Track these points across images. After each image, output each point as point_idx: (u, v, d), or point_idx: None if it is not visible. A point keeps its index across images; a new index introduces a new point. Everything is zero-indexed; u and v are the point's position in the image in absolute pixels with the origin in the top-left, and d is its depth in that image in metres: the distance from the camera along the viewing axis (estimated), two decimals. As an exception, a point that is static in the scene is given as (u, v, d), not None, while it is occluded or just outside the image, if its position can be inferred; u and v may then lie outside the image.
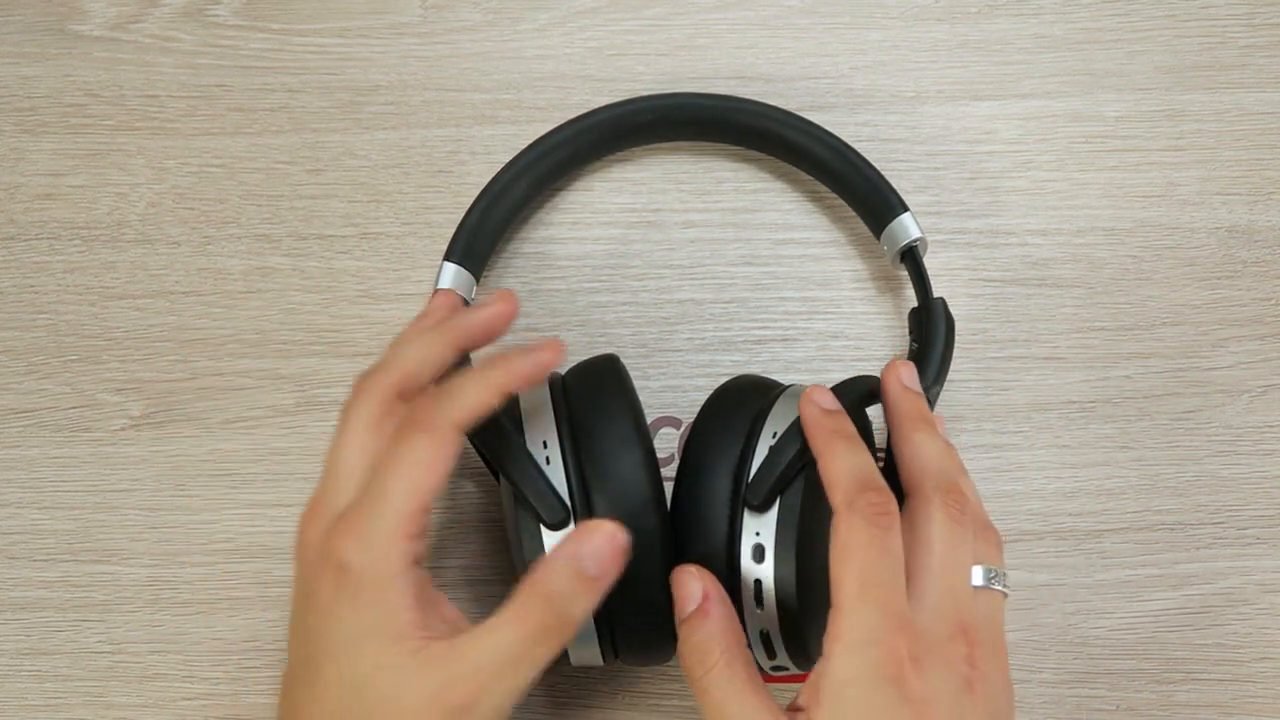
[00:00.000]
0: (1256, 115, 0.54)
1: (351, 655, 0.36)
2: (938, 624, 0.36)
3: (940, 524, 0.38)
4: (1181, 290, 0.52)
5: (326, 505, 0.39)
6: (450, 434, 0.37)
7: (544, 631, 0.36)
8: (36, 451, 0.51)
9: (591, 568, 0.37)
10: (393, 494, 0.37)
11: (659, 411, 0.51)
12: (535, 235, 0.53)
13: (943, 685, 0.35)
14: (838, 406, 0.40)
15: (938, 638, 0.36)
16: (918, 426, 0.40)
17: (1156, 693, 0.48)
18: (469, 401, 0.38)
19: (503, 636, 0.36)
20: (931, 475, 0.39)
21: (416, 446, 0.37)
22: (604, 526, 0.37)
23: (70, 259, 0.53)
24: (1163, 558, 0.49)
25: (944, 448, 0.40)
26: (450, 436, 0.37)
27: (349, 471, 0.39)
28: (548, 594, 0.36)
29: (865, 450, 0.39)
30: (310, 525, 0.39)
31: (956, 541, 0.38)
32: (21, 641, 0.49)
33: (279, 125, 0.54)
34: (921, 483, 0.39)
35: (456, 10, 0.56)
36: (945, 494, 0.38)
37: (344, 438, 0.39)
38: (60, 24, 0.56)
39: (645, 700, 0.48)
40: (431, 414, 0.38)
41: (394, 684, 0.36)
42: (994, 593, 0.38)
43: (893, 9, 0.55)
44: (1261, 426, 0.50)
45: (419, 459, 0.37)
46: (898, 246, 0.49)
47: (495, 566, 0.49)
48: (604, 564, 0.37)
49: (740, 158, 0.54)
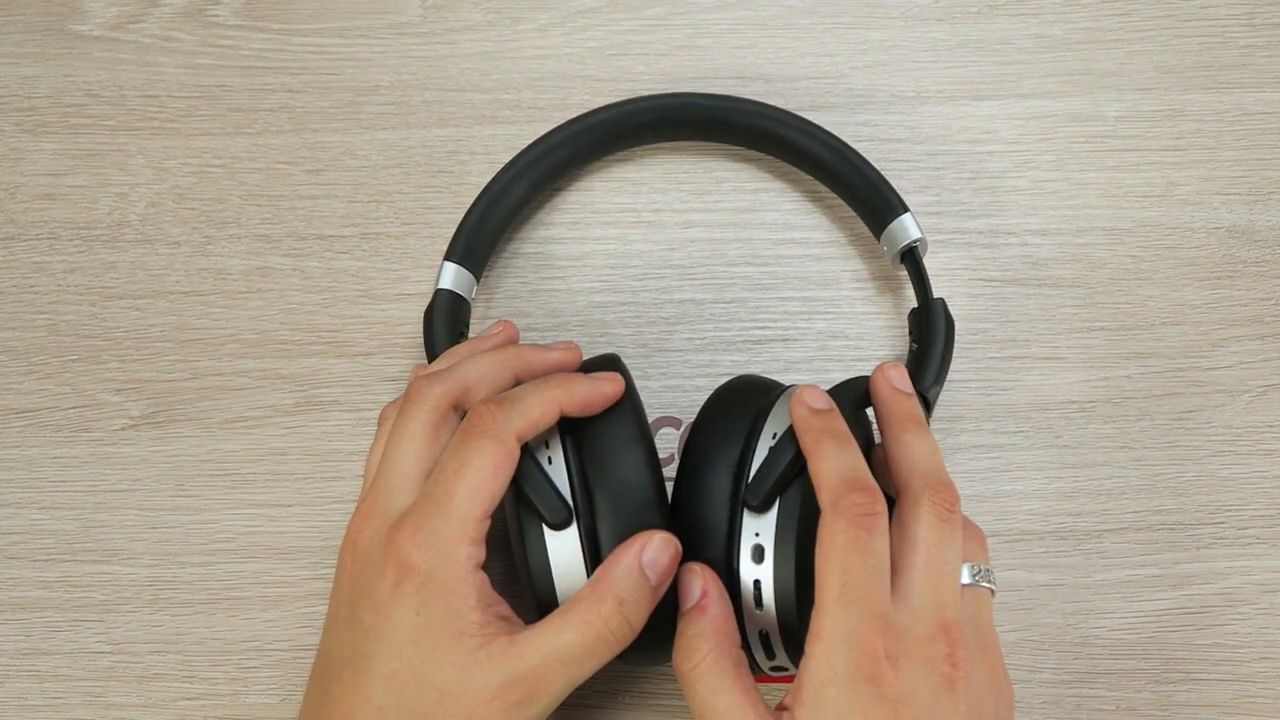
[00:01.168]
0: (1256, 115, 0.54)
1: (411, 651, 0.37)
2: (919, 623, 0.36)
3: (927, 523, 0.38)
4: (1181, 290, 0.52)
5: (383, 507, 0.39)
6: (513, 443, 0.38)
7: (611, 635, 0.37)
8: (36, 451, 0.51)
9: (653, 575, 0.38)
10: (459, 497, 0.37)
11: (659, 411, 0.51)
12: (535, 235, 0.53)
13: (922, 684, 0.36)
14: (828, 405, 0.40)
15: (918, 637, 0.36)
16: (907, 427, 0.40)
17: (1156, 693, 0.48)
18: (532, 414, 0.39)
19: (570, 636, 0.37)
20: (920, 475, 0.39)
21: (484, 452, 0.38)
22: (664, 536, 0.38)
23: (70, 259, 0.53)
24: (1163, 558, 0.49)
25: (933, 447, 0.40)
26: (513, 445, 0.38)
27: (405, 474, 0.39)
28: (619, 597, 0.37)
29: (854, 449, 0.39)
30: (366, 525, 0.39)
31: (943, 541, 0.38)
32: (21, 641, 0.49)
33: (279, 125, 0.54)
34: (909, 482, 0.39)
35: (456, 10, 0.56)
36: (934, 493, 0.38)
37: (400, 442, 0.40)
38: (60, 24, 0.56)
39: (645, 700, 0.48)
40: (496, 421, 0.38)
41: (457, 680, 0.36)
42: (981, 590, 0.39)
43: (893, 9, 0.55)
44: (1261, 426, 0.50)
45: (485, 464, 0.38)
46: (898, 247, 0.49)
47: (497, 567, 0.49)
48: (663, 573, 0.38)
49: (740, 158, 0.54)
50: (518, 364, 0.42)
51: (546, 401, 0.39)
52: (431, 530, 0.37)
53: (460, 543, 0.37)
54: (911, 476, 0.39)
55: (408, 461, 0.39)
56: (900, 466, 0.40)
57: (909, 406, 0.41)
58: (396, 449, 0.40)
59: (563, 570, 0.39)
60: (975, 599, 0.38)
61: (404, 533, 0.37)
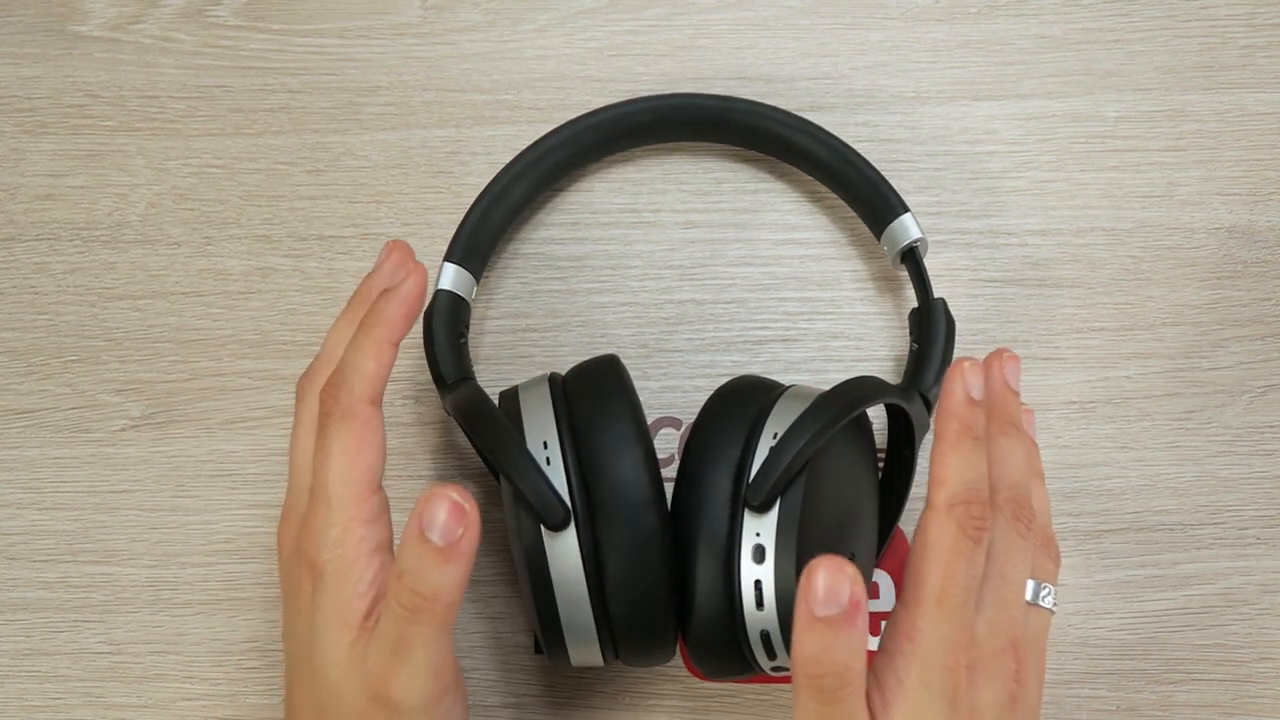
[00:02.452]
0: (1256, 115, 0.54)
1: (311, 651, 0.37)
2: (993, 637, 0.37)
3: (1003, 534, 0.38)
4: (1181, 290, 0.52)
5: (292, 509, 0.40)
6: (364, 410, 0.38)
7: (412, 611, 0.35)
8: (36, 452, 0.51)
9: (437, 537, 0.34)
10: (332, 485, 0.37)
11: (659, 412, 0.51)
12: (535, 236, 0.53)
13: (991, 698, 0.36)
14: (983, 396, 0.39)
15: (992, 650, 0.36)
16: (1005, 429, 0.40)
17: (1156, 693, 0.48)
18: (367, 369, 0.38)
19: (382, 626, 0.36)
20: (1006, 485, 0.39)
21: (339, 434, 0.38)
22: (440, 491, 0.34)
23: (70, 260, 0.53)
24: (1163, 558, 0.49)
25: (1025, 457, 0.40)
26: (364, 413, 0.38)
27: (302, 473, 0.40)
28: (399, 572, 0.35)
29: (984, 459, 0.38)
30: (285, 530, 0.40)
31: (1018, 556, 0.38)
32: (21, 642, 0.49)
33: (279, 126, 0.54)
34: (995, 490, 0.39)
35: (456, 10, 0.56)
36: (1015, 507, 0.38)
37: (295, 442, 0.41)
38: (60, 24, 0.56)
39: (645, 700, 0.48)
40: (338, 398, 0.38)
41: (340, 679, 0.36)
42: (1043, 610, 0.39)
43: (893, 9, 0.55)
44: (1262, 427, 0.50)
45: (345, 445, 0.37)
46: (898, 247, 0.49)
47: (496, 567, 0.49)
48: (449, 531, 0.34)
49: (740, 158, 0.54)
50: (382, 332, 0.40)
51: (373, 348, 0.39)
52: (319, 525, 0.37)
53: (349, 529, 0.37)
54: (999, 485, 0.39)
55: (303, 459, 0.40)
56: (990, 472, 0.39)
57: (1012, 407, 0.41)
58: (294, 449, 0.41)
59: (561, 571, 0.39)
60: (1039, 618, 0.39)
61: (304, 533, 0.38)
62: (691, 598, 0.40)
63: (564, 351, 0.51)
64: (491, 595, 0.49)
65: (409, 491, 0.50)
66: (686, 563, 0.41)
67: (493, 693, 0.48)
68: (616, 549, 0.40)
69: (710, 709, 0.48)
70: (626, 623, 0.40)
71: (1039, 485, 0.41)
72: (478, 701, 0.48)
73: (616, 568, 0.40)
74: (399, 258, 0.42)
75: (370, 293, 0.42)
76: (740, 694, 0.48)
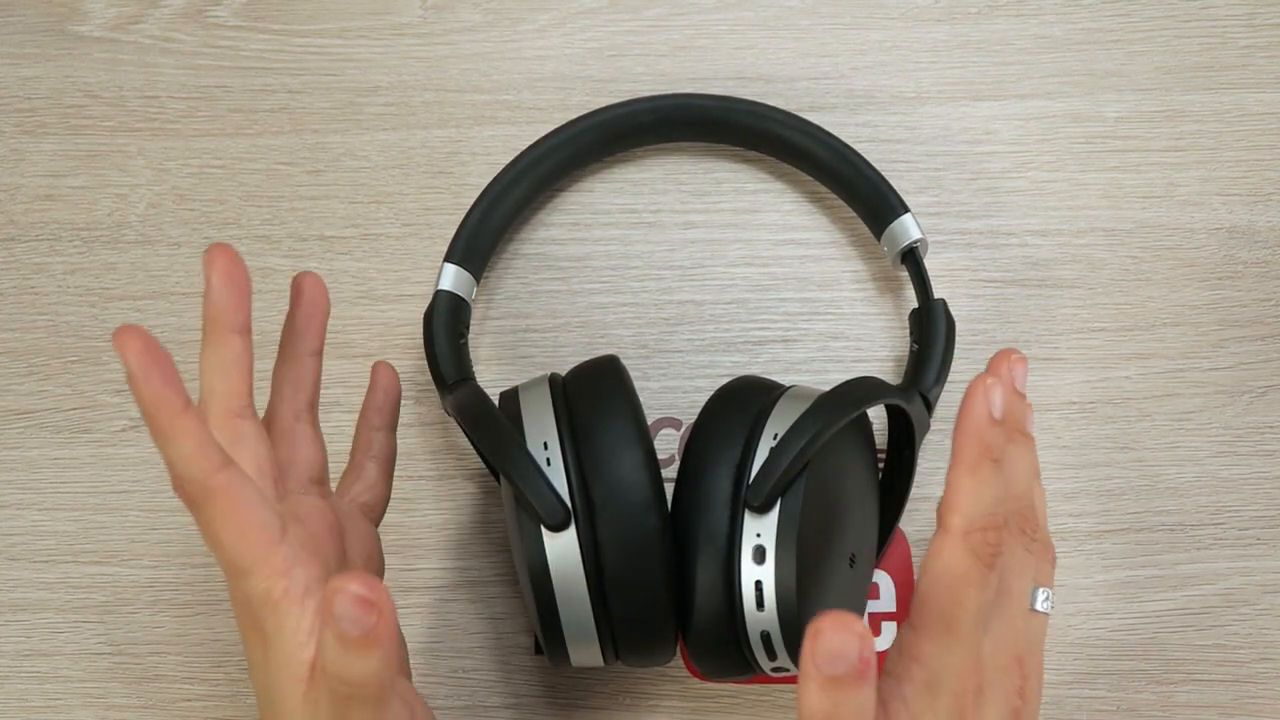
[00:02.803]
0: (1256, 115, 0.54)
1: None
2: (998, 653, 0.36)
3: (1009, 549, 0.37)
4: (1181, 290, 0.52)
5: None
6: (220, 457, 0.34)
7: (345, 699, 0.33)
8: (37, 453, 0.51)
9: (351, 630, 0.31)
10: (233, 561, 0.34)
11: (659, 412, 0.51)
12: (536, 236, 0.53)
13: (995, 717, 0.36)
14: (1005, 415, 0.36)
15: (997, 667, 0.36)
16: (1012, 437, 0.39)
17: (1156, 693, 0.48)
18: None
19: (323, 701, 0.34)
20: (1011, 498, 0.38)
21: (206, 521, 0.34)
22: (347, 586, 0.31)
23: (70, 260, 0.53)
24: (1163, 558, 0.49)
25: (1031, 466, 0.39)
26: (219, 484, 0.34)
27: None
28: (323, 664, 0.33)
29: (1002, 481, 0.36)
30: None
31: (1023, 569, 0.38)
32: (22, 643, 0.49)
33: (279, 126, 0.54)
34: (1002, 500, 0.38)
35: (456, 11, 0.56)
36: (1020, 519, 0.38)
37: None
38: (60, 24, 0.56)
39: (645, 700, 0.48)
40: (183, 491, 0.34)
41: None
42: (1041, 615, 0.39)
43: (893, 9, 0.55)
44: (1261, 427, 0.50)
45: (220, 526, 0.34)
46: (898, 247, 0.49)
47: (496, 567, 0.49)
48: (361, 622, 0.31)
49: (740, 158, 0.54)
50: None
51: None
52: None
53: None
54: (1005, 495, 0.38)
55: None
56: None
57: (1019, 411, 0.40)
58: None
59: (561, 572, 0.39)
60: (1039, 624, 0.38)
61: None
62: (692, 598, 0.40)
63: (564, 352, 0.51)
64: (491, 595, 0.49)
65: (410, 492, 0.50)
66: (687, 563, 0.41)
67: (493, 693, 0.48)
68: (617, 549, 0.40)
69: (710, 709, 0.48)
70: (626, 623, 0.40)
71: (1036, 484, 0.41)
72: (478, 702, 0.48)
73: (617, 568, 0.40)
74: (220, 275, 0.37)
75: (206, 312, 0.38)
76: (740, 694, 0.48)
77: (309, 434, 0.41)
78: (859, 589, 0.46)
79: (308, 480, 0.40)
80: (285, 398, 0.41)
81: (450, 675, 0.48)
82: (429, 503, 0.50)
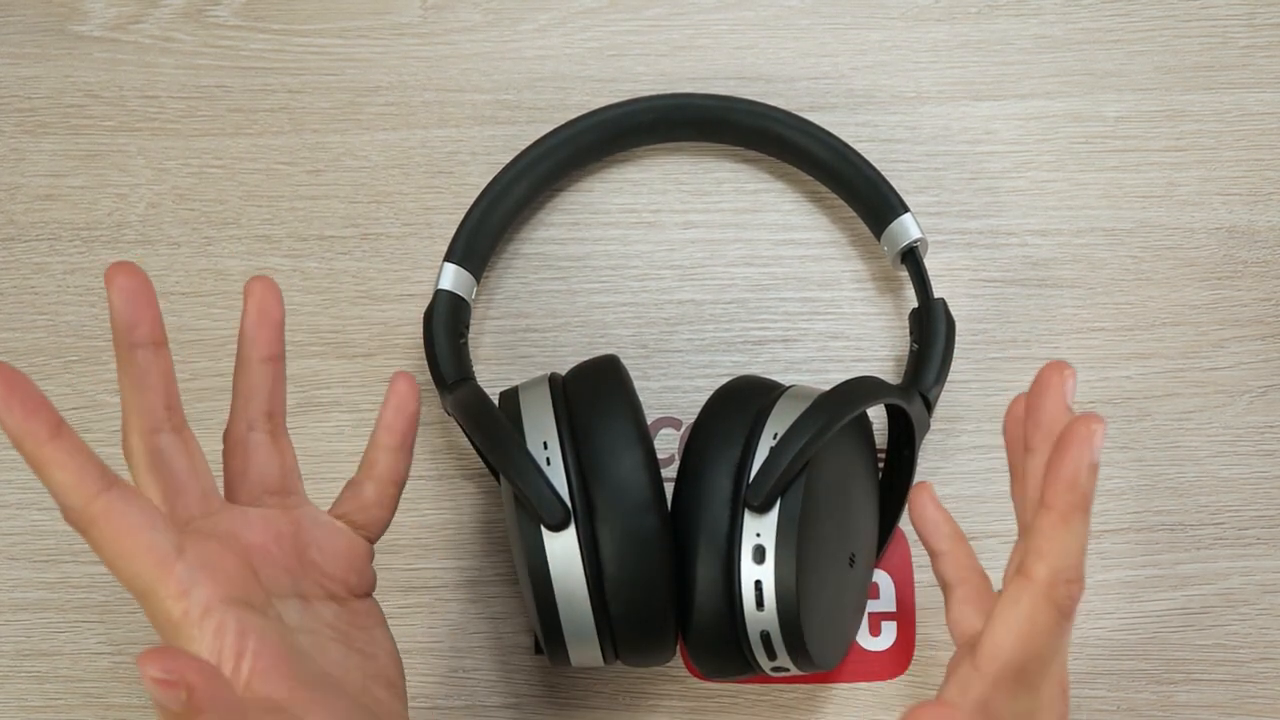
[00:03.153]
0: (1256, 115, 0.54)
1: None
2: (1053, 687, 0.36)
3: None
4: (1181, 290, 0.52)
5: None
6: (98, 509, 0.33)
7: None
8: (37, 452, 0.51)
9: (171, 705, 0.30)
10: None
11: (659, 412, 0.51)
12: (535, 236, 0.53)
13: None
14: (1097, 460, 0.34)
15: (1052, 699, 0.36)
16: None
17: (1157, 693, 0.48)
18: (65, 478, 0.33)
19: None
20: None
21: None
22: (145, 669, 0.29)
23: (70, 260, 0.53)
24: (1163, 558, 0.49)
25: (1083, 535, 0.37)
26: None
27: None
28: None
29: (1088, 529, 0.34)
30: None
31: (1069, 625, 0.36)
32: (22, 643, 0.49)
33: (279, 126, 0.54)
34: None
35: (456, 10, 0.56)
36: (1069, 585, 0.35)
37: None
38: (60, 24, 0.56)
39: (645, 700, 0.48)
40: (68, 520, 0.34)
41: None
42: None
43: (893, 9, 0.55)
44: (1261, 427, 0.50)
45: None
46: (898, 247, 0.49)
47: (496, 567, 0.49)
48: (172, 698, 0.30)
49: (740, 158, 0.54)
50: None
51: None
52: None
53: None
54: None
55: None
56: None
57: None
58: None
59: (561, 572, 0.39)
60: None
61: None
62: (691, 598, 0.41)
63: (564, 351, 0.51)
64: (491, 595, 0.49)
65: (409, 492, 0.49)
66: (687, 563, 0.41)
67: (493, 693, 0.48)
68: (617, 549, 0.40)
69: (710, 709, 0.48)
70: (626, 623, 0.40)
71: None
72: (478, 701, 0.48)
73: (616, 568, 0.40)
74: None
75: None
76: (740, 694, 0.48)
77: (264, 443, 0.40)
78: (859, 589, 0.46)
79: (262, 491, 0.39)
80: (237, 408, 0.40)
81: (450, 675, 0.48)
82: (429, 503, 0.50)
